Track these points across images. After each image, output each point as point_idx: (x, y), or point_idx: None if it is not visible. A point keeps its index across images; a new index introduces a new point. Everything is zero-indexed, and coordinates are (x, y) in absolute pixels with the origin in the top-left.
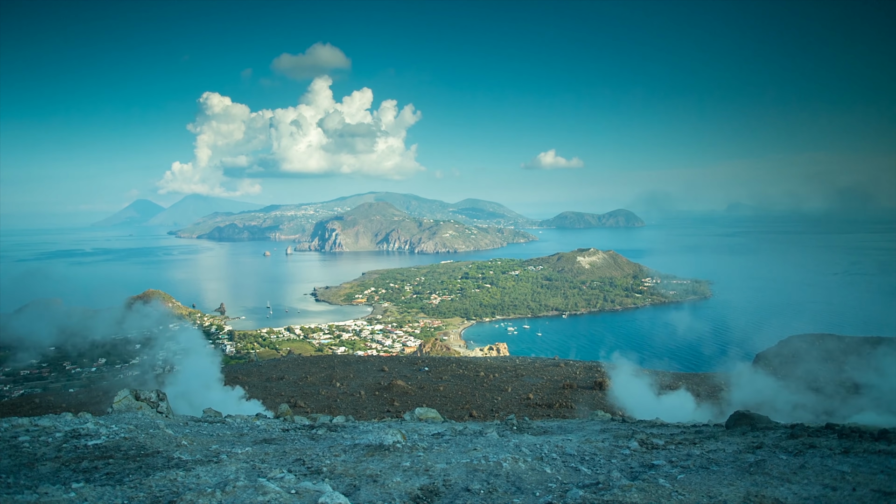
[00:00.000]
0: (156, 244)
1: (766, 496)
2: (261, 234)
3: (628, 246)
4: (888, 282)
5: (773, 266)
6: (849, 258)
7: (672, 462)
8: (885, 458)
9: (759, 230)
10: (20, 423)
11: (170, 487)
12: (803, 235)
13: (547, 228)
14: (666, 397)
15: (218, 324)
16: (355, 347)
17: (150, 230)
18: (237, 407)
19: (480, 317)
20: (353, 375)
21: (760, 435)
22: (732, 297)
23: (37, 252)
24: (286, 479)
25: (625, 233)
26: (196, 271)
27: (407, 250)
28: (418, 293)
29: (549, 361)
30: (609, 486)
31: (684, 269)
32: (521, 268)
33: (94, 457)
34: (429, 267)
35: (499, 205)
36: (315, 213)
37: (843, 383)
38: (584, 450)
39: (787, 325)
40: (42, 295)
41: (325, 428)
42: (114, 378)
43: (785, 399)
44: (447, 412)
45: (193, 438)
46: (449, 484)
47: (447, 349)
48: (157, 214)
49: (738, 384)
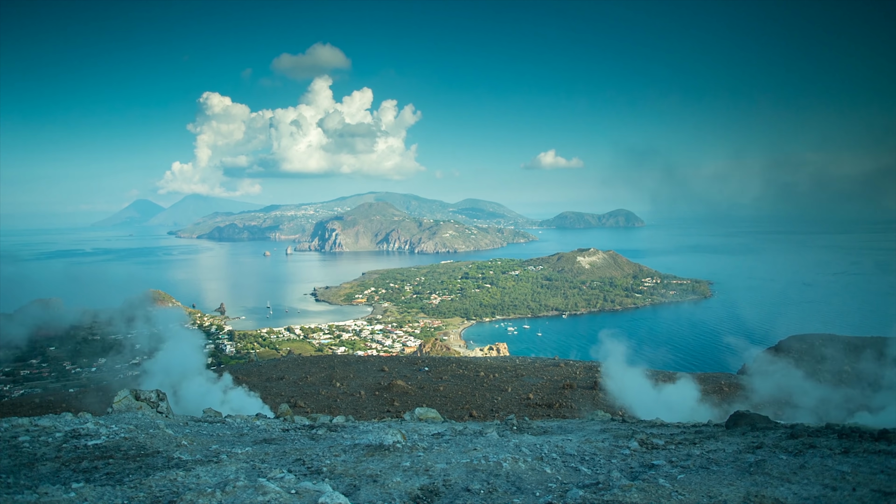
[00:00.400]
0: (156, 244)
1: (766, 496)
2: (261, 234)
3: (628, 246)
4: (888, 282)
5: (773, 266)
6: (849, 258)
7: (672, 462)
8: (885, 458)
9: (760, 230)
10: (20, 423)
11: (170, 487)
12: (803, 235)
13: (547, 228)
14: (668, 396)
15: (218, 324)
16: (355, 347)
17: (150, 230)
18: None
19: (480, 317)
20: (353, 375)
21: (760, 435)
22: (732, 298)
23: (37, 252)
24: (286, 479)
25: (625, 233)
26: (196, 271)
27: (407, 250)
28: (418, 293)
29: (549, 361)
30: (609, 486)
31: (684, 269)
32: (521, 268)
33: (94, 457)
34: (429, 267)
35: (499, 205)
36: (315, 213)
37: (843, 382)
38: (584, 450)
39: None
40: (41, 295)
41: (325, 428)
42: (114, 378)
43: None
44: (447, 412)
45: (193, 438)
46: (449, 484)
47: (447, 349)
48: (157, 214)
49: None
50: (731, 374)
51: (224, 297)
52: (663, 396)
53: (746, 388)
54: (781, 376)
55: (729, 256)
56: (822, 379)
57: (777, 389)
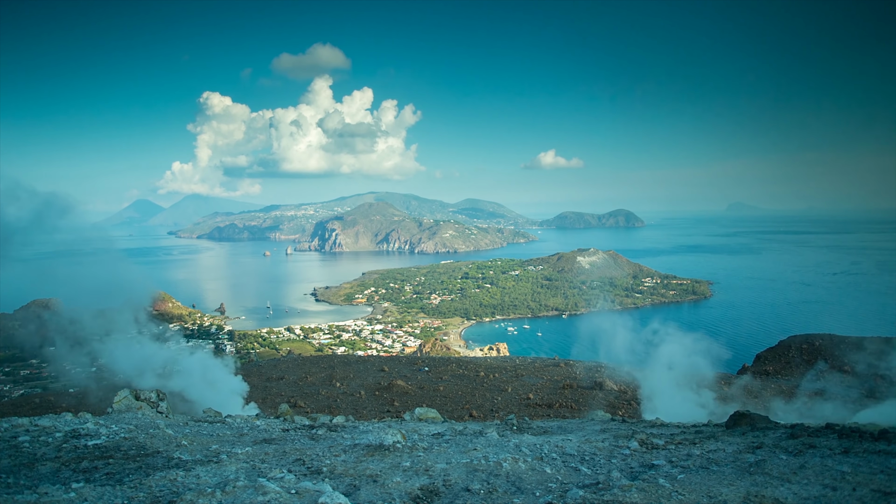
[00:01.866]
0: (156, 244)
1: (766, 496)
2: (261, 234)
3: (628, 246)
4: (887, 281)
5: (773, 266)
6: (849, 258)
7: (672, 462)
8: (885, 458)
9: (760, 230)
10: (20, 423)
11: (170, 487)
12: (803, 235)
13: (547, 228)
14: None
15: (218, 324)
16: (355, 347)
17: (150, 230)
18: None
19: (480, 317)
20: (353, 375)
21: (760, 435)
22: (732, 298)
23: (37, 252)
24: (286, 479)
25: (625, 233)
26: (196, 271)
27: (407, 250)
28: (418, 293)
29: (549, 361)
30: (609, 486)
31: (684, 269)
32: (521, 268)
33: (94, 457)
34: (429, 267)
35: (499, 205)
36: (315, 213)
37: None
38: (584, 450)
39: (787, 324)
40: (41, 295)
41: (325, 428)
42: (114, 378)
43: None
44: (447, 412)
45: (193, 438)
46: (449, 484)
47: (447, 349)
48: (157, 214)
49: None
50: (730, 374)
51: (224, 297)
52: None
53: (746, 388)
54: (781, 376)
55: (729, 256)
56: (822, 379)
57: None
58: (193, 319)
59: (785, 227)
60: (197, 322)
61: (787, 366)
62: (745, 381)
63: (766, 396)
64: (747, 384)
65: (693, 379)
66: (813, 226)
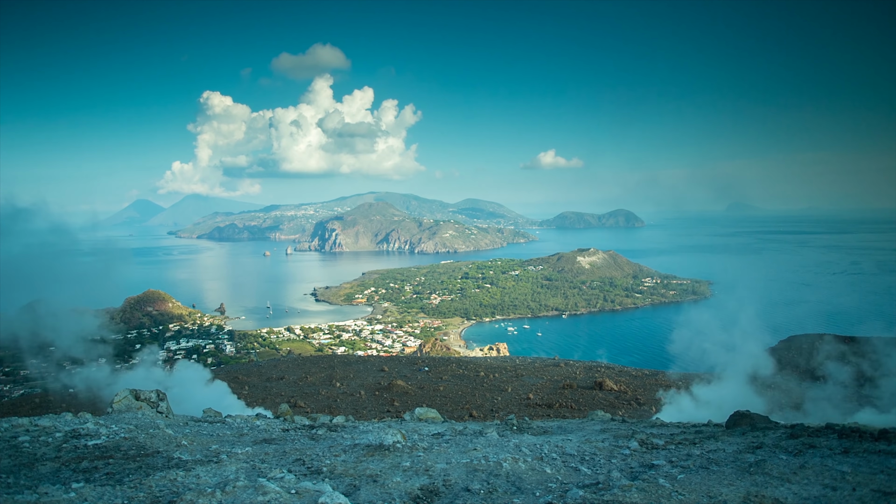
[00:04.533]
0: (156, 244)
1: (766, 496)
2: (261, 234)
3: (628, 246)
4: (887, 281)
5: (774, 266)
6: (849, 258)
7: (672, 462)
8: (885, 458)
9: (760, 230)
10: (20, 423)
11: (170, 487)
12: (803, 235)
13: (547, 228)
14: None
15: (218, 324)
16: (355, 347)
17: (150, 230)
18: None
19: (480, 317)
20: (353, 375)
21: (760, 435)
22: (732, 298)
23: None
24: (286, 479)
25: (625, 233)
26: (196, 271)
27: (407, 250)
28: (418, 293)
29: (549, 361)
30: (609, 486)
31: (684, 269)
32: (521, 268)
33: (94, 457)
34: (429, 267)
35: (499, 205)
36: (315, 213)
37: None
38: (584, 450)
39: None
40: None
41: (325, 428)
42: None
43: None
44: (447, 412)
45: (193, 438)
46: (449, 484)
47: (447, 349)
48: (157, 214)
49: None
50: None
51: (224, 296)
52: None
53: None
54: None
55: (729, 256)
56: (822, 379)
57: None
58: (193, 319)
59: (785, 227)
60: (197, 322)
61: (787, 366)
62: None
63: (766, 396)
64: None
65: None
66: (813, 226)
